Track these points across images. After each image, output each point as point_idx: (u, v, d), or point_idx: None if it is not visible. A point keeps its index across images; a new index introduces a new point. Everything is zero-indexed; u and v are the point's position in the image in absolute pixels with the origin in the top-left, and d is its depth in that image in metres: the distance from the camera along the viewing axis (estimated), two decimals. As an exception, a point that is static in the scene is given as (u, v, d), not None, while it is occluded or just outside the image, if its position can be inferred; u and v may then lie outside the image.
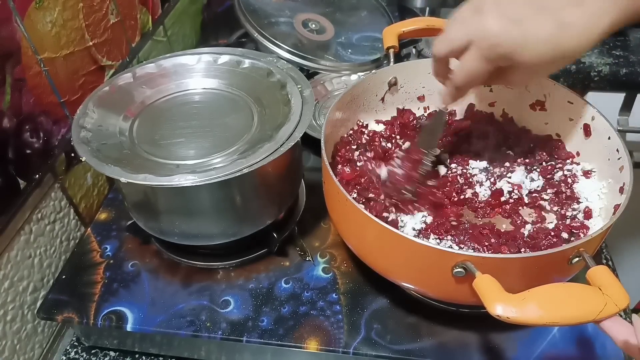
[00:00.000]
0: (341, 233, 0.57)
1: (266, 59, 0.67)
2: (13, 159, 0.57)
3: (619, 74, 0.91)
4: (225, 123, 0.59)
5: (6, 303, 0.58)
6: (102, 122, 0.58)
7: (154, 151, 0.56)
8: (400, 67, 0.66)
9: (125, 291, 0.60)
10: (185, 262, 0.63)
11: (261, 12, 0.87)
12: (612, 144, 0.55)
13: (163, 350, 0.61)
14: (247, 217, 0.59)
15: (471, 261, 0.43)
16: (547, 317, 0.38)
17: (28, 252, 0.61)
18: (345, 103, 0.63)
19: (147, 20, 0.86)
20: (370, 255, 0.53)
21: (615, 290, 0.38)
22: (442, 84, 0.54)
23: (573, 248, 0.43)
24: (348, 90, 0.62)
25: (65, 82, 0.65)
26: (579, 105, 0.59)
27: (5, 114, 0.55)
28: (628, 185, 0.50)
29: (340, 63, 0.85)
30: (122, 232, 0.67)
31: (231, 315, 0.57)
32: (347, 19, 0.94)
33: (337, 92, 0.87)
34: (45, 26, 0.60)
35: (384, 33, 0.68)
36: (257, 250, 0.63)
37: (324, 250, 0.64)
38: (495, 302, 0.39)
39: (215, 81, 0.65)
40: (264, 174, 0.56)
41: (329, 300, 0.58)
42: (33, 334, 0.62)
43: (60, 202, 0.66)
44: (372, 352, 0.53)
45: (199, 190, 0.54)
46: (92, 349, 0.63)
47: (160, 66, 0.66)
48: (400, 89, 0.68)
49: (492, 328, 0.54)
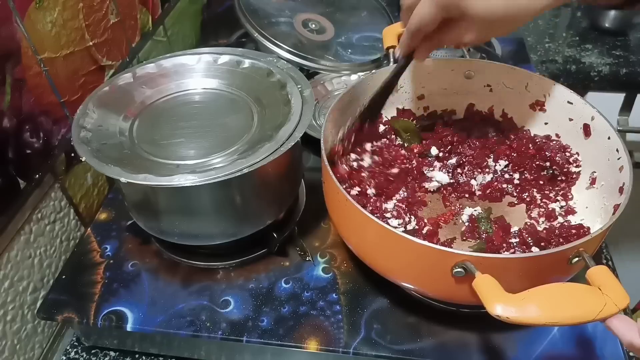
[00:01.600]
0: (341, 233, 0.57)
1: (266, 59, 0.67)
2: (13, 159, 0.57)
3: (619, 74, 0.91)
4: (225, 123, 0.59)
5: (6, 303, 0.58)
6: (102, 122, 0.58)
7: (154, 151, 0.56)
8: (400, 67, 0.66)
9: (125, 291, 0.60)
10: (185, 262, 0.63)
11: (261, 12, 0.87)
12: (612, 144, 0.55)
13: (163, 350, 0.61)
14: (247, 217, 0.59)
15: (471, 261, 0.42)
16: (546, 317, 0.38)
17: (28, 252, 0.61)
18: (345, 103, 0.63)
19: (147, 20, 0.86)
20: (370, 255, 0.53)
21: (615, 290, 0.38)
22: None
23: (573, 248, 0.43)
24: (348, 90, 0.62)
25: (65, 82, 0.65)
26: (578, 105, 0.59)
27: (5, 114, 0.55)
28: (628, 186, 0.50)
29: (340, 63, 0.85)
30: (122, 232, 0.67)
31: (231, 315, 0.57)
32: (347, 19, 0.94)
33: (337, 92, 0.87)
34: (45, 26, 0.60)
35: (384, 33, 0.68)
36: (257, 250, 0.63)
37: (324, 250, 0.64)
38: (495, 302, 0.39)
39: (215, 81, 0.65)
40: (264, 174, 0.56)
41: (329, 300, 0.58)
42: (33, 334, 0.62)
43: (60, 202, 0.66)
44: (372, 352, 0.53)
45: (199, 190, 0.54)
46: (92, 349, 0.63)
47: (160, 66, 0.66)
48: (400, 88, 0.68)
49: (492, 328, 0.54)
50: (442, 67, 0.67)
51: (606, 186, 0.56)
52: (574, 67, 0.92)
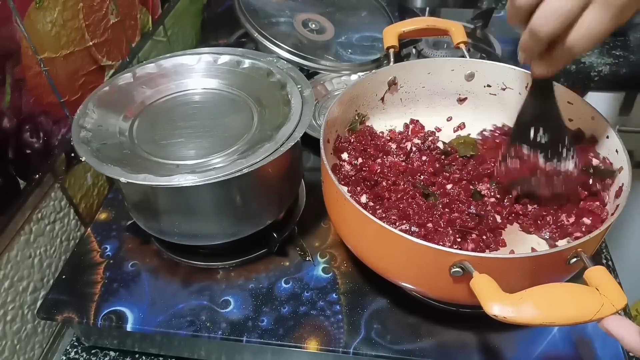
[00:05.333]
0: (340, 233, 0.57)
1: (266, 59, 0.67)
2: (13, 159, 0.57)
3: (619, 74, 0.91)
4: (225, 123, 0.59)
5: (6, 303, 0.58)
6: (102, 122, 0.58)
7: (154, 151, 0.56)
8: (400, 66, 0.66)
9: (125, 291, 0.60)
10: (185, 262, 0.63)
11: (261, 12, 0.87)
12: (612, 145, 0.55)
13: (163, 350, 0.61)
14: (247, 217, 0.59)
15: (469, 261, 0.43)
16: (543, 317, 0.38)
17: (28, 252, 0.61)
18: (345, 102, 0.63)
19: (147, 20, 0.86)
20: (369, 255, 0.53)
21: (612, 291, 0.38)
22: (527, 59, 0.47)
23: (571, 248, 0.43)
24: (347, 89, 0.62)
25: (65, 82, 0.65)
26: (578, 106, 0.59)
27: (5, 114, 0.55)
28: (627, 186, 0.50)
29: (340, 63, 0.85)
30: (122, 232, 0.67)
31: (231, 315, 0.57)
32: (347, 19, 0.94)
33: (337, 92, 0.87)
34: (45, 26, 0.60)
35: (384, 33, 0.68)
36: (257, 250, 0.63)
37: (324, 250, 0.64)
38: (492, 302, 0.39)
39: (215, 81, 0.65)
40: (264, 174, 0.56)
41: (329, 300, 0.58)
42: (33, 334, 0.62)
43: (60, 202, 0.66)
44: (372, 352, 0.53)
45: (198, 190, 0.54)
46: (92, 349, 0.63)
47: (160, 66, 0.66)
48: (400, 88, 0.68)
49: (492, 328, 0.54)
50: (442, 67, 0.67)
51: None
52: (574, 67, 0.92)
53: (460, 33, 0.69)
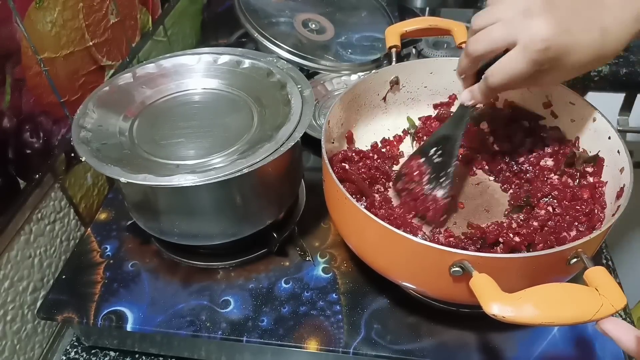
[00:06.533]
0: (341, 232, 0.57)
1: (266, 59, 0.67)
2: (13, 159, 0.57)
3: (619, 74, 0.91)
4: (225, 123, 0.59)
5: (6, 303, 0.58)
6: (102, 122, 0.58)
7: (154, 151, 0.56)
8: (402, 66, 0.66)
9: (125, 291, 0.60)
10: (185, 262, 0.63)
11: (261, 12, 0.87)
12: (613, 145, 0.55)
13: (163, 350, 0.61)
14: (247, 217, 0.59)
15: (468, 260, 0.43)
16: (543, 317, 0.38)
17: (28, 252, 0.61)
18: (346, 102, 0.63)
19: (147, 20, 0.86)
20: (369, 254, 0.53)
21: (612, 291, 0.38)
22: (463, 82, 0.54)
23: (571, 249, 0.43)
24: (349, 89, 0.62)
25: (65, 82, 0.65)
26: (580, 106, 0.59)
27: (5, 114, 0.55)
28: (628, 187, 0.49)
29: (340, 63, 0.85)
30: (122, 232, 0.67)
31: (231, 315, 0.57)
32: (347, 19, 0.94)
33: (337, 92, 0.87)
34: (45, 26, 0.60)
35: (386, 32, 0.68)
36: (257, 250, 0.63)
37: (324, 250, 0.64)
38: (491, 302, 0.39)
39: (215, 81, 0.65)
40: (264, 174, 0.56)
41: (329, 300, 0.58)
42: (33, 334, 0.62)
43: (60, 202, 0.66)
44: (372, 352, 0.53)
45: (198, 190, 0.54)
46: (92, 349, 0.63)
47: (160, 66, 0.66)
48: (402, 88, 0.68)
49: (492, 328, 0.54)
50: (443, 67, 0.67)
51: (606, 187, 0.56)
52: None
53: (462, 33, 0.68)
